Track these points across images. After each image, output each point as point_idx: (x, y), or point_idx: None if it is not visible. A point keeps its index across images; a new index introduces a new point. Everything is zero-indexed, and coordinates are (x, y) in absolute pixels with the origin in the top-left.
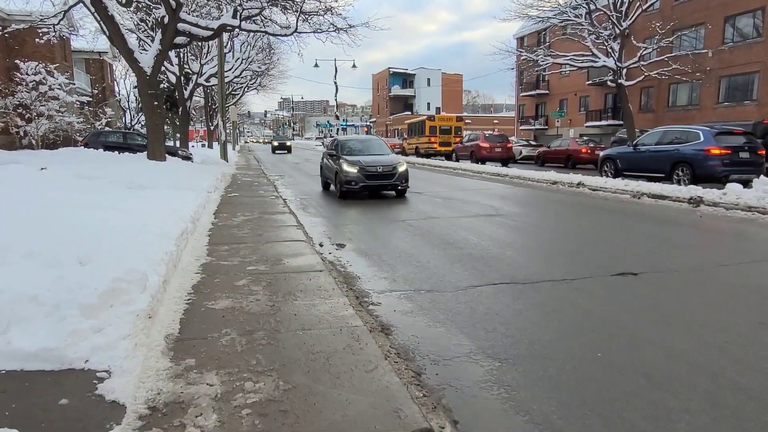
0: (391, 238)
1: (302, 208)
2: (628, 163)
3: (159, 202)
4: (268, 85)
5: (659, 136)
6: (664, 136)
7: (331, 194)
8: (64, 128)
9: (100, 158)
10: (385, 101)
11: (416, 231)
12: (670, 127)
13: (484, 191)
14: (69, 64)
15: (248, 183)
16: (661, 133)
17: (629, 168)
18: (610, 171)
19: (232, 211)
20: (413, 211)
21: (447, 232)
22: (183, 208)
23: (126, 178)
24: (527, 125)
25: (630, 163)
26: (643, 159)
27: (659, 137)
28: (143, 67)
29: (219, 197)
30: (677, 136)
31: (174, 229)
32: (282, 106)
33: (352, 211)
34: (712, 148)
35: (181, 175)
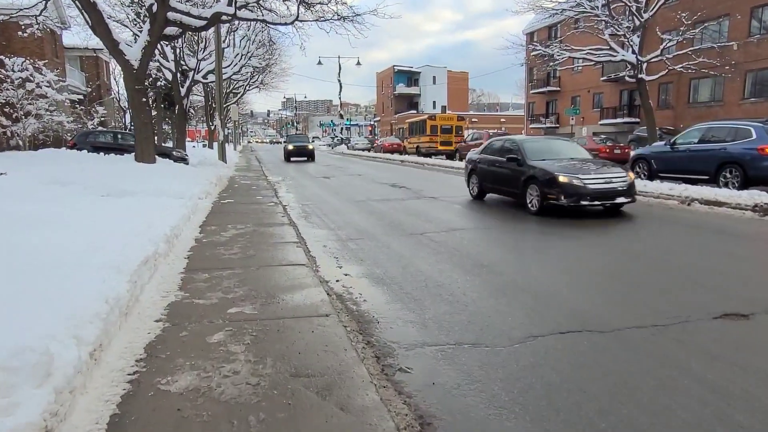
0: (411, 258)
1: (304, 217)
2: (664, 164)
3: (133, 214)
4: (270, 83)
5: (702, 133)
6: (708, 132)
7: (339, 199)
8: (54, 128)
9: (82, 160)
10: (390, 100)
11: (440, 248)
12: (715, 123)
13: None
14: (60, 60)
15: (246, 187)
16: (704, 130)
17: (666, 169)
18: (644, 172)
19: (223, 223)
20: (431, 221)
21: (478, 251)
22: (159, 223)
23: (105, 183)
24: (537, 123)
25: (667, 163)
26: (682, 159)
27: (702, 134)
28: (130, 60)
29: (210, 205)
30: (724, 133)
31: (134, 257)
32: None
33: (361, 220)
34: (766, 147)
35: (170, 180)
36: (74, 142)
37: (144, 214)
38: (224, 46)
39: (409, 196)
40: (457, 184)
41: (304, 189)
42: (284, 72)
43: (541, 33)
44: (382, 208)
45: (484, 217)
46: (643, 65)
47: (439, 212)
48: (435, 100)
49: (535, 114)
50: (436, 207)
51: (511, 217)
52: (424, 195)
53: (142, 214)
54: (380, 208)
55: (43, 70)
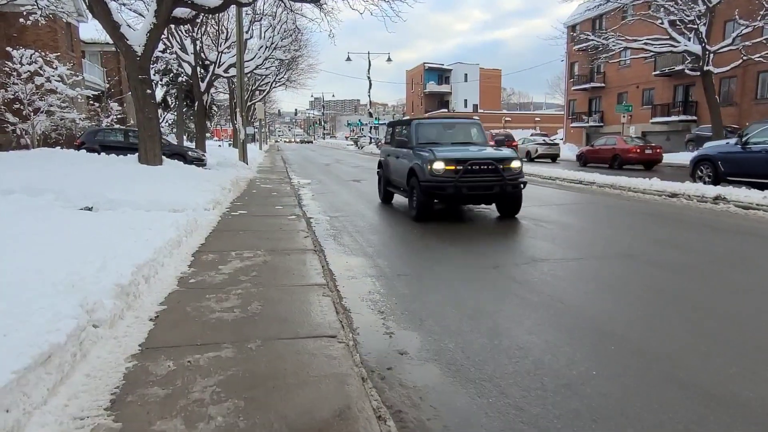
0: (497, 316)
1: (333, 237)
2: (734, 166)
3: (98, 239)
4: (297, 80)
5: None
6: None
7: (375, 209)
8: (68, 126)
9: (76, 162)
10: (420, 98)
11: (534, 295)
12: None
13: (551, 200)
14: (76, 54)
15: (266, 192)
16: None
17: (736, 172)
18: (707, 175)
19: (226, 248)
20: (501, 243)
21: (591, 304)
22: (125, 258)
23: (89, 191)
24: (579, 122)
25: (737, 165)
26: (757, 161)
27: None
28: (132, 45)
29: (217, 218)
30: None
31: (22, 354)
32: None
33: (409, 239)
34: None
35: (173, 186)
36: (81, 141)
37: (114, 238)
38: (247, 36)
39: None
40: None
41: (332, 196)
42: (311, 68)
43: (584, 26)
44: (430, 225)
45: (582, 244)
46: (709, 56)
47: (507, 228)
48: (466, 99)
49: (577, 112)
50: (500, 222)
51: None
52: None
53: (111, 238)
54: (427, 223)
55: (54, 63)
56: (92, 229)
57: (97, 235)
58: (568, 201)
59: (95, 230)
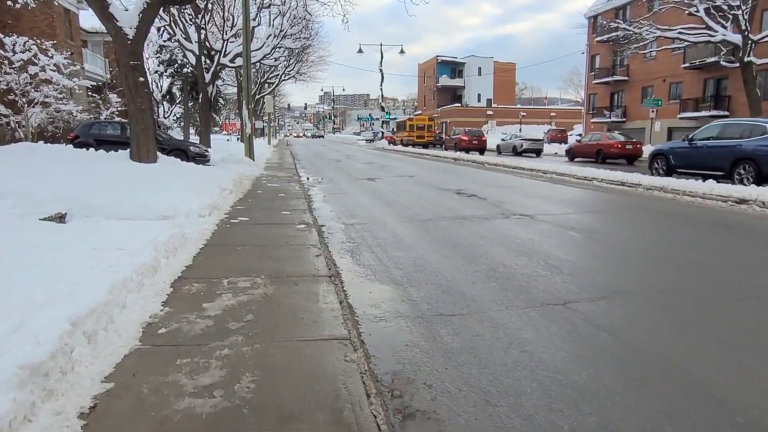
0: (586, 390)
1: (351, 253)
2: (682, 160)
3: (35, 272)
4: (307, 72)
5: (719, 129)
6: (725, 129)
7: (395, 215)
8: (65, 118)
9: (59, 158)
10: (432, 92)
11: (622, 351)
12: (733, 120)
13: (596, 206)
14: (76, 43)
15: (272, 193)
16: (721, 127)
17: (684, 165)
18: (662, 168)
19: (216, 274)
20: (558, 268)
21: (720, 373)
22: (58, 314)
23: (65, 194)
24: (600, 117)
25: (685, 159)
26: (699, 155)
27: (719, 131)
28: (123, 27)
29: (212, 228)
30: (740, 130)
31: None
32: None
33: (441, 262)
34: None
35: (166, 187)
36: (75, 134)
37: (66, 267)
38: (254, 24)
39: (492, 213)
40: (538, 191)
41: (345, 197)
42: (322, 60)
43: (607, 16)
44: (464, 236)
45: (633, 258)
46: (750, 46)
47: (555, 246)
48: (480, 93)
49: (598, 107)
50: (543, 234)
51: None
52: (511, 210)
53: (61, 267)
54: (461, 234)
55: (50, 52)
56: (41, 252)
57: (42, 261)
58: (617, 206)
59: (44, 254)
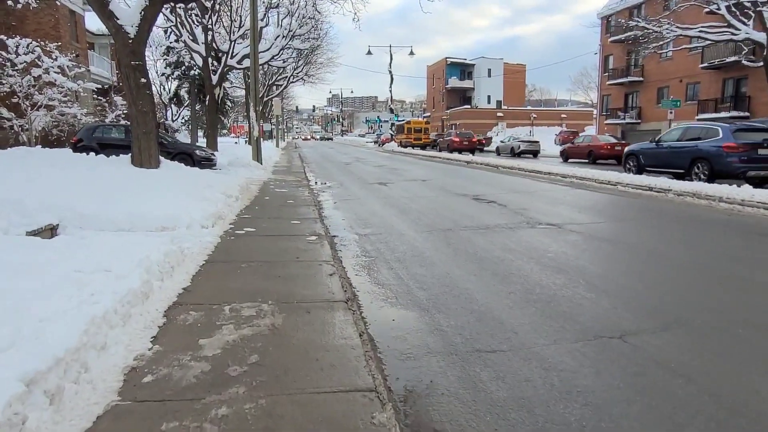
0: None
1: (367, 270)
2: (650, 159)
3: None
4: (316, 74)
5: (681, 132)
6: (686, 132)
7: (411, 223)
8: (69, 122)
9: (54, 163)
10: (441, 94)
11: (700, 399)
12: (692, 124)
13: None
14: (81, 45)
15: (280, 200)
16: (683, 129)
17: (652, 164)
18: (634, 166)
19: (217, 298)
20: (604, 289)
21: None
22: (9, 373)
23: (57, 203)
24: (614, 119)
25: (652, 159)
26: (664, 155)
27: (681, 133)
28: (124, 26)
29: (215, 241)
30: (698, 132)
31: None
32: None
33: (469, 281)
34: (729, 144)
35: (168, 194)
36: (78, 138)
37: (41, 295)
38: (262, 24)
39: (516, 222)
40: (560, 196)
41: (357, 203)
42: (331, 61)
43: (621, 16)
44: (489, 249)
45: (683, 276)
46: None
47: (593, 261)
48: (490, 94)
49: (611, 108)
50: (576, 247)
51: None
52: (535, 218)
53: (34, 296)
54: (485, 246)
55: (54, 54)
56: (14, 278)
57: (12, 290)
58: (649, 214)
59: (17, 280)
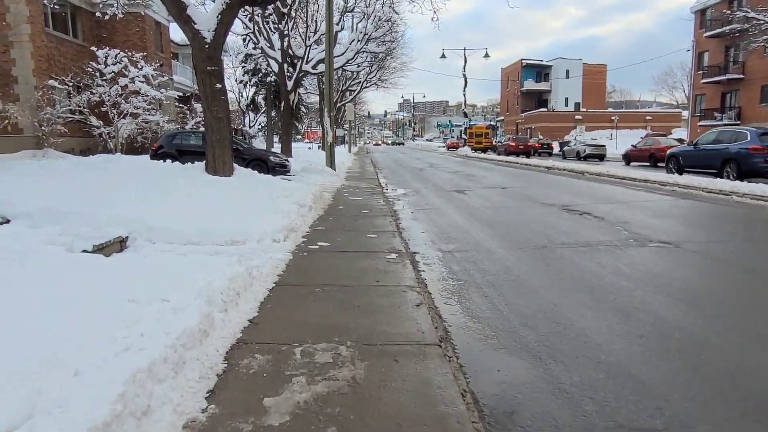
0: None
1: (458, 299)
2: (688, 161)
3: (32, 347)
4: (389, 79)
5: (715, 135)
6: (719, 136)
7: (498, 238)
8: (153, 129)
9: (130, 172)
10: (516, 97)
11: None
12: (725, 128)
13: None
14: (166, 55)
15: (355, 209)
16: (717, 133)
17: (689, 165)
18: (675, 167)
19: (287, 336)
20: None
21: None
22: None
23: (128, 214)
24: (709, 120)
25: (690, 160)
26: (700, 156)
27: (715, 137)
28: (201, 30)
29: (288, 256)
30: (729, 136)
31: None
32: (402, 107)
33: (583, 317)
34: (755, 147)
35: (240, 204)
36: (159, 144)
37: (80, 335)
38: (337, 29)
39: (620, 238)
40: (664, 208)
41: (436, 214)
42: (404, 66)
43: (719, 7)
44: (598, 273)
45: None
46: None
47: (739, 296)
48: (567, 97)
49: (706, 109)
50: (708, 273)
51: None
52: (643, 235)
53: (75, 335)
54: (592, 269)
55: (140, 64)
56: (54, 310)
57: (46, 330)
58: None
59: (57, 313)
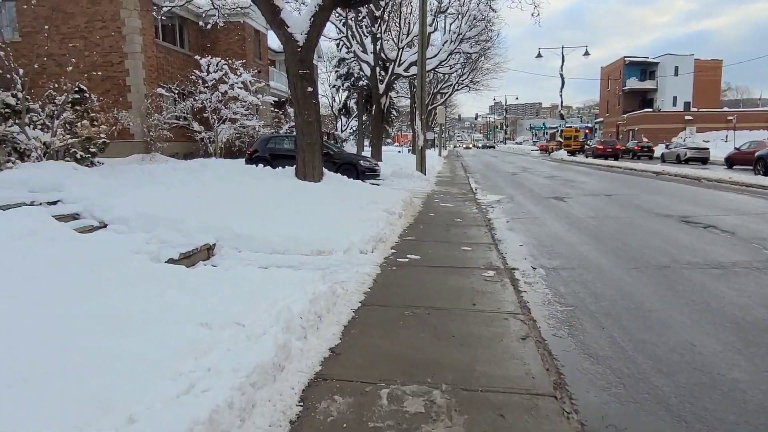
0: None
1: (569, 328)
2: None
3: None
4: (481, 80)
5: None
6: None
7: (608, 254)
8: (250, 133)
9: (223, 177)
10: (617, 97)
11: None
12: None
13: None
14: (264, 62)
15: (446, 217)
16: None
17: None
18: (761, 169)
19: (370, 372)
20: None
21: None
22: None
23: (216, 221)
24: None
25: None
26: None
27: None
28: (294, 33)
29: (375, 270)
30: None
31: None
32: (492, 109)
33: (732, 345)
34: None
35: (327, 211)
36: (254, 149)
37: (137, 368)
38: (430, 30)
39: (761, 259)
40: None
41: (534, 223)
42: (498, 67)
43: None
44: (741, 303)
45: None
46: None
47: None
48: (676, 96)
49: None
50: None
51: None
52: None
53: (134, 368)
54: (732, 298)
55: (239, 71)
56: (128, 332)
57: (117, 352)
58: None
59: (131, 334)
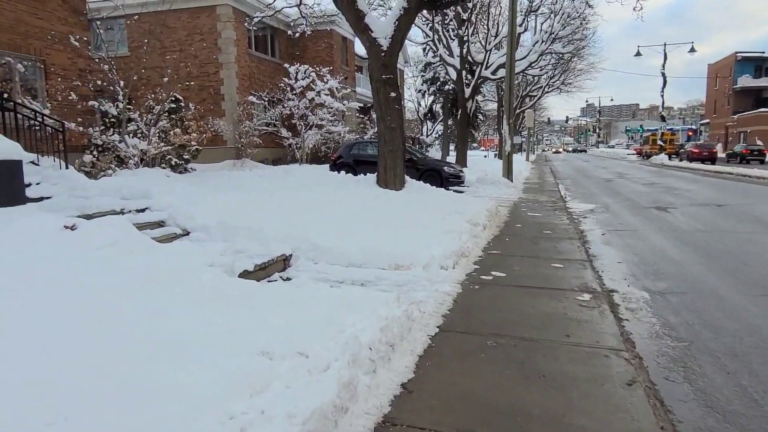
0: None
1: (684, 371)
2: None
3: None
4: (574, 82)
5: None
6: None
7: (717, 271)
8: (335, 139)
9: (304, 183)
10: (726, 97)
11: None
12: None
13: None
14: (350, 68)
15: (534, 229)
16: None
17: None
18: None
19: (441, 420)
20: None
21: None
22: None
23: (294, 231)
24: None
25: None
26: None
27: None
28: (378, 38)
29: (456, 288)
30: None
31: None
32: (584, 111)
33: None
34: None
35: (408, 222)
36: (338, 155)
37: (176, 418)
38: (520, 30)
39: None
40: None
41: (634, 237)
42: (592, 67)
43: None
44: None
45: None
46: None
47: None
48: None
49: None
50: None
51: None
52: None
53: (171, 417)
54: None
55: (326, 77)
56: (175, 357)
57: (160, 381)
58: None
59: (179, 361)
